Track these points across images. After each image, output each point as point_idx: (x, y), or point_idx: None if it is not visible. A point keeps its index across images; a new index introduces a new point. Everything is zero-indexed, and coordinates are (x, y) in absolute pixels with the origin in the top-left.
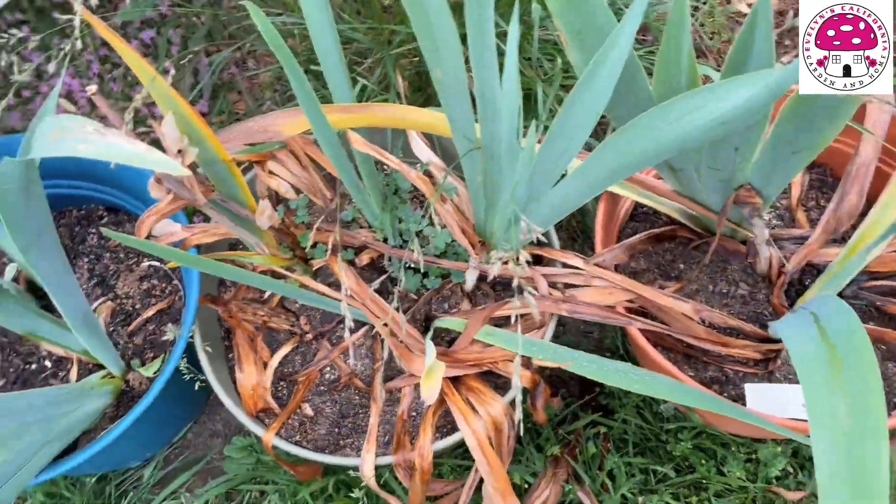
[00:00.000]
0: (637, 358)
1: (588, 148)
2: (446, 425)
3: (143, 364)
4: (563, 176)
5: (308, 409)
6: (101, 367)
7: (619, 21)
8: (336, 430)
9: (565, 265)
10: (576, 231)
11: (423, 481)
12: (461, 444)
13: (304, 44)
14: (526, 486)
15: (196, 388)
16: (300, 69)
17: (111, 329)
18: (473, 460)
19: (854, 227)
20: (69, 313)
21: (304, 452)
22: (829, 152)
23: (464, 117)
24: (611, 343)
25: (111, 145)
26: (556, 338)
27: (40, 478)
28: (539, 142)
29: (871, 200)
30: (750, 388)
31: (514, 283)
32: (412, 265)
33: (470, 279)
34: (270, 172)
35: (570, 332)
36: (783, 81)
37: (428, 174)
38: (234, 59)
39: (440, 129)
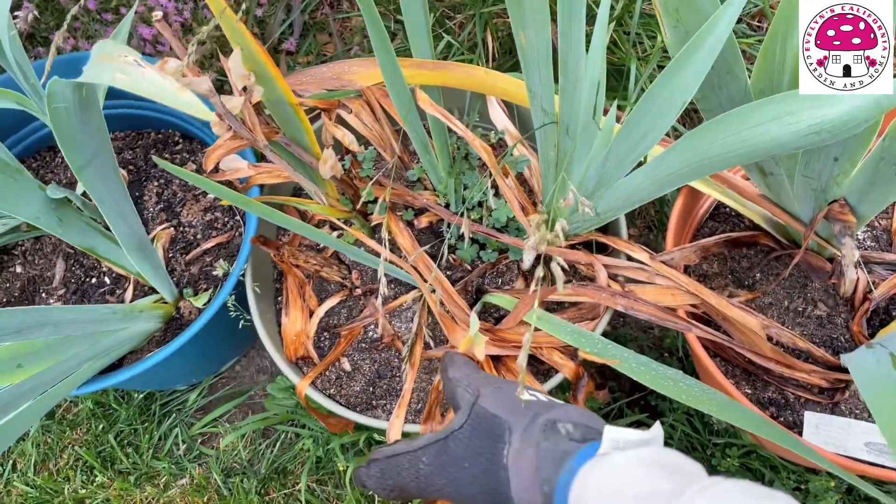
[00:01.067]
0: (695, 365)
1: (676, 138)
2: None
3: (195, 294)
4: (641, 164)
5: (346, 364)
6: (156, 290)
7: (721, 3)
8: (371, 389)
9: (630, 258)
10: (653, 221)
11: None
12: None
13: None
14: None
15: (240, 326)
16: (378, 15)
17: (170, 255)
18: None
19: None
20: (122, 236)
21: (335, 407)
22: None
23: (543, 87)
24: (671, 343)
25: (144, 79)
26: (615, 328)
27: (82, 390)
28: (618, 121)
29: None
30: (809, 417)
31: (531, 254)
32: (470, 234)
33: (527, 258)
34: (340, 120)
35: (630, 325)
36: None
37: (502, 143)
38: (329, 1)
39: (518, 97)
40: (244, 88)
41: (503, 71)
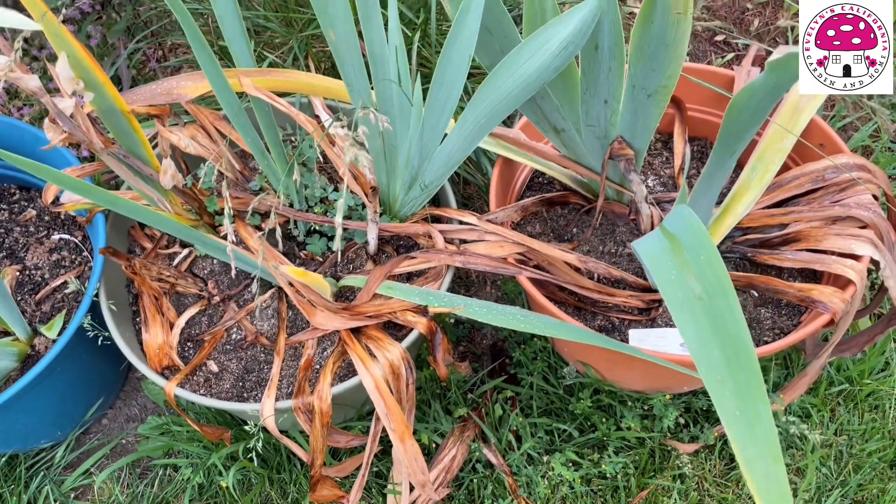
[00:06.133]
0: (532, 307)
1: None
2: (349, 374)
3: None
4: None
5: (213, 366)
6: (6, 333)
7: None
8: (240, 384)
9: (461, 222)
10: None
11: (323, 424)
12: (371, 410)
13: (216, 24)
14: (434, 445)
15: (100, 343)
16: (197, 27)
17: (18, 298)
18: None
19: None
20: None
21: (206, 400)
22: (709, 126)
23: (358, 79)
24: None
25: None
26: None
27: None
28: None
29: (741, 164)
30: (633, 333)
31: (374, 231)
32: (317, 228)
33: (371, 238)
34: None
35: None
36: None
37: (332, 143)
38: (157, 57)
39: (339, 93)
40: (74, 94)
41: None
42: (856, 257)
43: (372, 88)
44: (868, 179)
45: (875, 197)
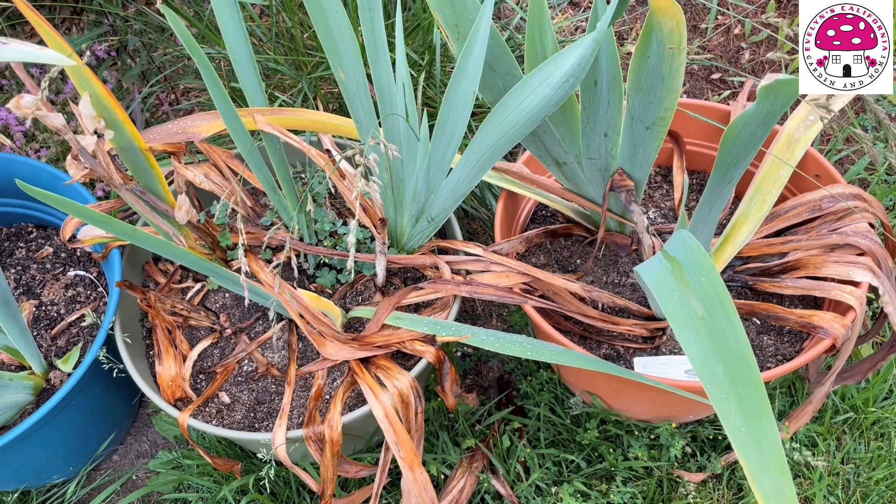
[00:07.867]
0: (537, 336)
1: None
2: (358, 404)
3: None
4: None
5: (225, 397)
6: (22, 367)
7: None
8: (252, 415)
9: (467, 253)
10: (490, 235)
11: (334, 453)
12: (380, 441)
13: (227, 67)
14: (443, 477)
15: (115, 375)
16: (212, 66)
17: (34, 333)
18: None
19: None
20: None
21: (218, 430)
22: (707, 160)
23: (366, 116)
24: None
25: (9, 49)
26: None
27: None
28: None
29: (739, 196)
30: (638, 361)
31: (382, 262)
32: (326, 262)
33: (380, 269)
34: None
35: None
36: (600, 32)
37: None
38: (169, 100)
39: (348, 131)
40: (95, 132)
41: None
42: (855, 284)
43: (380, 125)
44: (864, 208)
45: (872, 225)
